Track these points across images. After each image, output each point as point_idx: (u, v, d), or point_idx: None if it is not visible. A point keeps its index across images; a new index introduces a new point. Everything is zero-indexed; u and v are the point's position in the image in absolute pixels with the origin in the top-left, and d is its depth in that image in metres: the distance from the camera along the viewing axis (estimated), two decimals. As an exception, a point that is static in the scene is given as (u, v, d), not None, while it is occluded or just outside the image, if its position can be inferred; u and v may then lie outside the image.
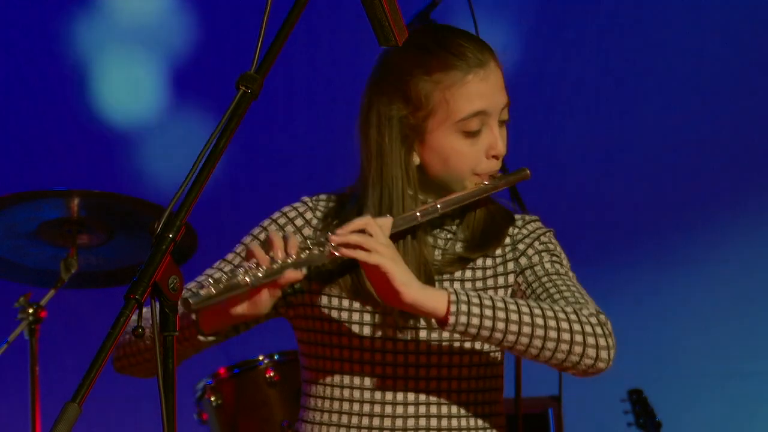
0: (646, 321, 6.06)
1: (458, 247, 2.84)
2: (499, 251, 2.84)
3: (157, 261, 2.24)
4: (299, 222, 2.87)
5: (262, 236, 2.85)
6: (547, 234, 2.87)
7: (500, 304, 2.63)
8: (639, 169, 6.29)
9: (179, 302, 2.28)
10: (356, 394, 2.83)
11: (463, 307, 2.60)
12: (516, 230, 2.86)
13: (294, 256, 2.60)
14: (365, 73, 2.85)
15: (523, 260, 2.82)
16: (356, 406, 2.83)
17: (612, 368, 4.67)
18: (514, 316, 2.63)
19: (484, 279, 2.83)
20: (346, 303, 2.82)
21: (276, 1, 2.40)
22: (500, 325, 2.62)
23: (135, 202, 4.32)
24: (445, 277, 2.82)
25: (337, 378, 2.85)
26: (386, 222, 2.67)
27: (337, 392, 2.85)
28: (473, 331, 2.62)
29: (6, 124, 5.80)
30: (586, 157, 6.33)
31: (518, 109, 2.88)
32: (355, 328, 2.81)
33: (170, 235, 2.25)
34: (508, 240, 2.85)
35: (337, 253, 2.63)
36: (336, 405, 2.85)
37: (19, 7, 5.89)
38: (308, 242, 2.64)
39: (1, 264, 4.46)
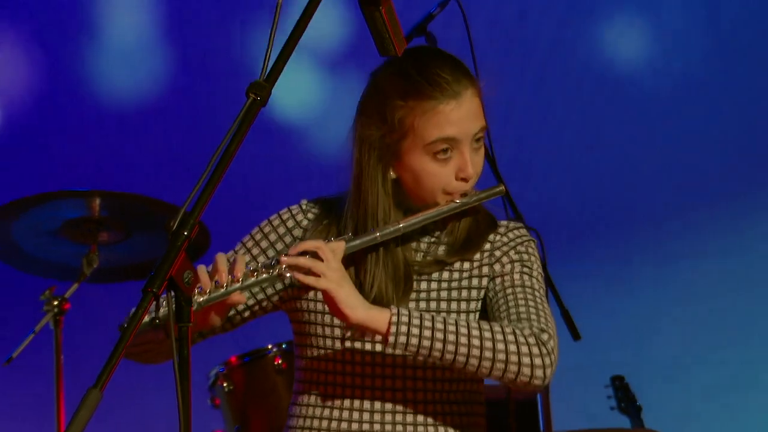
0: (628, 315, 6.07)
1: (441, 250, 2.83)
2: (477, 256, 2.83)
3: (172, 256, 2.24)
4: (291, 224, 2.88)
5: (258, 237, 2.88)
6: (525, 244, 2.84)
7: (440, 326, 2.63)
8: (628, 176, 6.29)
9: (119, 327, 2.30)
10: (330, 392, 2.83)
11: (403, 328, 2.61)
12: (497, 237, 2.84)
13: (240, 280, 2.62)
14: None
15: (497, 267, 2.81)
16: (328, 411, 2.83)
17: (596, 357, 4.69)
18: (451, 337, 2.63)
19: (460, 280, 2.82)
20: (321, 306, 2.81)
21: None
22: (438, 345, 2.62)
23: (151, 202, 4.31)
24: (423, 277, 2.81)
25: (315, 375, 2.85)
26: (339, 246, 2.67)
27: (315, 389, 2.85)
28: (412, 349, 2.62)
29: (33, 128, 5.79)
30: (585, 160, 6.33)
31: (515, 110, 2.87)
32: (328, 331, 2.81)
33: (185, 233, 2.25)
34: (487, 246, 2.83)
35: (288, 274, 2.64)
36: (314, 399, 2.85)
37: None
38: (258, 265, 2.66)
39: (27, 259, 4.46)
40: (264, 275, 2.64)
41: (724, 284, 6.26)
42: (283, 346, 4.44)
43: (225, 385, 4.48)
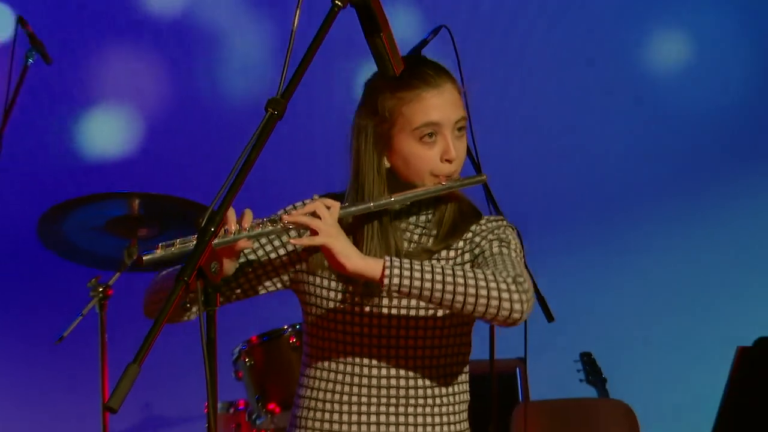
0: (594, 299, 6.06)
1: (428, 240, 2.82)
2: (460, 244, 2.80)
3: (201, 249, 2.25)
4: None
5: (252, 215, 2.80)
6: (504, 229, 2.82)
7: (428, 268, 2.60)
8: (600, 177, 6.28)
9: (134, 259, 2.29)
10: (334, 358, 2.81)
11: (396, 271, 2.58)
12: (478, 228, 2.82)
13: (246, 228, 2.60)
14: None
15: (476, 250, 2.78)
16: (332, 375, 2.82)
17: (567, 336, 4.69)
18: (439, 278, 2.59)
19: (446, 263, 2.80)
20: (326, 282, 2.80)
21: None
22: (427, 285, 2.59)
23: (184, 202, 4.32)
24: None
25: (320, 352, 2.84)
26: (334, 205, 2.64)
27: (320, 362, 2.84)
28: (405, 290, 2.59)
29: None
30: (573, 159, 6.32)
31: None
32: (330, 304, 2.80)
33: (212, 228, 2.26)
34: (469, 235, 2.81)
35: (291, 233, 2.65)
36: (319, 373, 2.84)
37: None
38: (264, 219, 2.64)
39: (76, 252, 4.47)
40: (269, 227, 2.62)
41: (678, 272, 6.26)
42: (297, 326, 4.44)
43: (247, 360, 4.47)
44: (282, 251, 2.83)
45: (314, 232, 2.59)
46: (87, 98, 6.01)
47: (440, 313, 2.77)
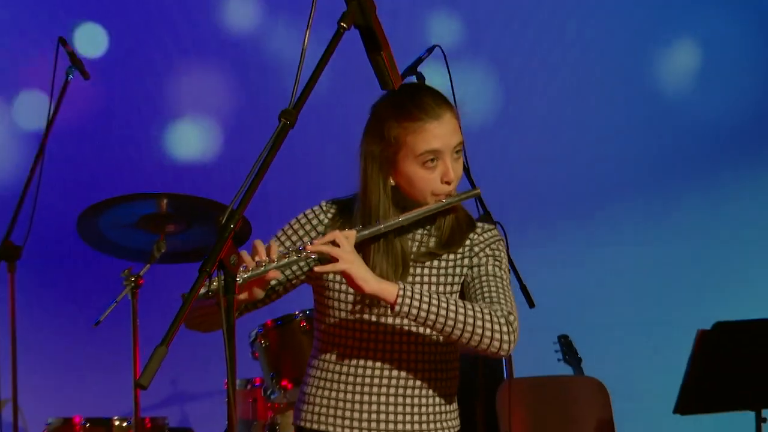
0: (571, 287, 6.05)
1: (432, 243, 2.83)
2: (460, 250, 2.82)
3: (221, 244, 2.25)
4: (314, 222, 2.86)
5: (289, 232, 2.86)
6: (497, 243, 2.85)
7: (435, 301, 2.65)
8: (581, 176, 6.27)
9: (181, 295, 2.31)
10: (341, 349, 2.82)
11: (407, 300, 2.63)
12: (476, 236, 2.84)
13: (274, 260, 2.62)
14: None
15: (475, 260, 2.81)
16: (338, 366, 2.83)
17: (546, 320, 4.68)
18: (443, 312, 2.65)
19: (446, 268, 2.82)
20: (341, 287, 2.81)
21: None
22: (432, 316, 2.64)
23: (206, 202, 4.32)
24: (418, 264, 2.81)
25: (331, 338, 2.85)
26: (350, 233, 2.68)
27: (330, 348, 2.85)
28: (412, 317, 2.64)
29: (115, 142, 5.78)
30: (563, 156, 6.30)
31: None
32: (342, 305, 2.81)
33: (231, 225, 2.26)
34: (468, 242, 2.83)
35: (312, 256, 2.65)
36: (329, 356, 2.85)
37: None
38: (289, 249, 2.69)
39: (111, 246, 4.47)
40: (294, 257, 2.65)
41: (647, 264, 6.25)
42: (307, 312, 4.43)
43: (262, 342, 4.47)
44: (305, 269, 2.83)
45: (335, 259, 2.62)
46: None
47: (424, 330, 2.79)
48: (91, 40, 5.76)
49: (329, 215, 2.87)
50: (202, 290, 2.50)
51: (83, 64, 4.50)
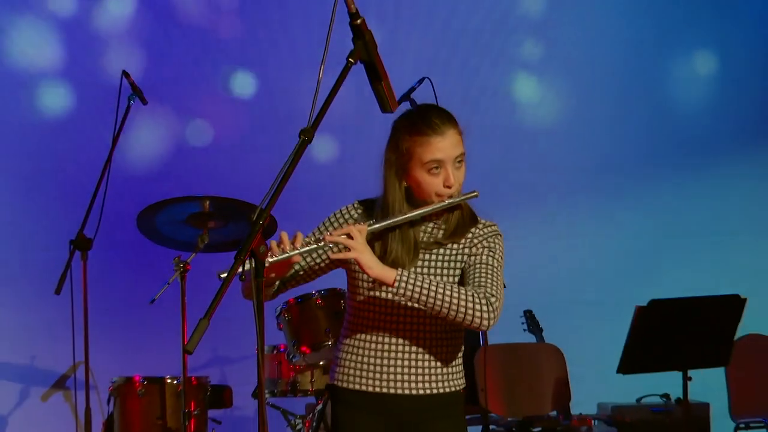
0: (535, 269, 6.03)
1: (439, 234, 2.82)
2: (463, 241, 2.81)
3: (252, 236, 2.25)
4: (345, 218, 2.86)
5: (326, 225, 2.86)
6: (495, 237, 2.83)
7: (425, 284, 2.66)
8: (544, 168, 6.19)
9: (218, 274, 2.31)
10: (368, 321, 2.82)
11: (402, 283, 2.64)
12: (477, 230, 2.83)
13: (298, 247, 2.63)
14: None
15: (474, 250, 2.80)
16: (365, 333, 2.82)
17: (515, 295, 4.66)
18: (431, 293, 2.65)
19: (450, 256, 2.81)
20: (361, 273, 2.79)
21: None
22: (422, 297, 2.66)
23: (241, 203, 4.32)
24: (427, 251, 2.80)
25: (358, 318, 2.84)
26: (363, 228, 2.69)
27: (359, 322, 2.83)
28: (408, 295, 2.65)
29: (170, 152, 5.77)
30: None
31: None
32: (366, 285, 2.80)
33: (261, 222, 2.26)
34: (470, 235, 2.82)
35: (330, 245, 2.68)
36: (358, 328, 2.84)
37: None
38: (312, 238, 2.71)
39: (164, 238, 4.47)
40: (314, 245, 2.66)
41: (598, 251, 6.22)
42: (322, 292, 4.42)
43: (286, 316, 4.46)
44: (326, 257, 2.85)
45: (347, 249, 2.64)
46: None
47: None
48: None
49: (358, 212, 2.86)
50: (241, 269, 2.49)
51: (142, 92, 4.50)
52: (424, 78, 4.26)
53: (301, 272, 2.85)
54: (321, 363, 4.52)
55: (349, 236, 2.64)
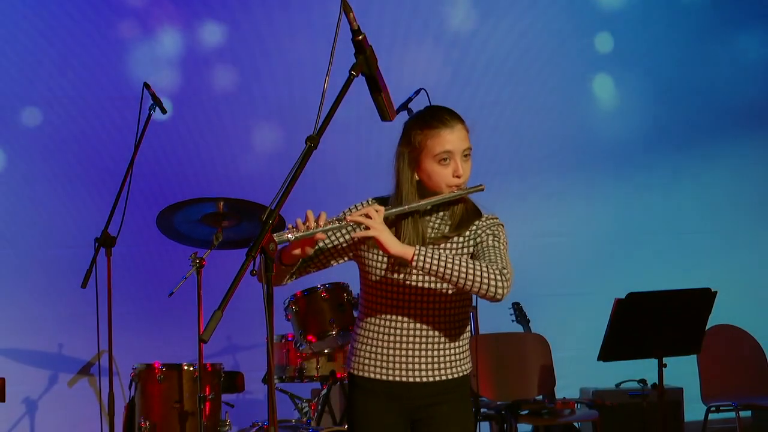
0: (523, 265, 6.00)
1: (445, 228, 2.80)
2: (467, 233, 2.79)
3: (263, 234, 2.25)
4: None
5: (342, 217, 2.78)
6: (497, 226, 2.81)
7: (443, 257, 2.62)
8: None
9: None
10: (382, 308, 2.79)
11: (421, 257, 2.61)
12: (480, 222, 2.81)
13: (321, 225, 2.60)
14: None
15: (478, 239, 2.78)
16: (380, 318, 2.79)
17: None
18: (449, 264, 2.62)
19: (456, 249, 2.79)
20: (378, 257, 2.78)
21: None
22: (441, 269, 2.62)
23: (252, 204, 4.32)
24: (435, 246, 2.77)
25: (372, 303, 2.81)
26: (381, 209, 2.65)
27: (373, 310, 2.81)
28: (426, 268, 2.61)
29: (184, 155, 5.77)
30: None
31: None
32: (380, 272, 2.78)
33: (270, 221, 2.26)
34: (474, 227, 2.80)
35: (351, 225, 2.63)
36: (372, 316, 2.81)
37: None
38: (335, 218, 2.65)
39: (182, 236, 4.46)
40: (336, 224, 2.63)
41: (581, 248, 6.22)
42: (327, 285, 4.42)
43: (293, 307, 4.46)
44: (348, 238, 2.82)
45: (368, 228, 2.61)
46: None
47: (438, 282, 2.75)
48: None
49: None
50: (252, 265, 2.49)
51: (162, 102, 4.50)
52: (420, 89, 4.27)
53: (321, 256, 2.82)
54: (326, 351, 4.51)
55: (368, 216, 2.61)
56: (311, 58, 5.72)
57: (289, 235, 2.55)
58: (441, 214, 2.81)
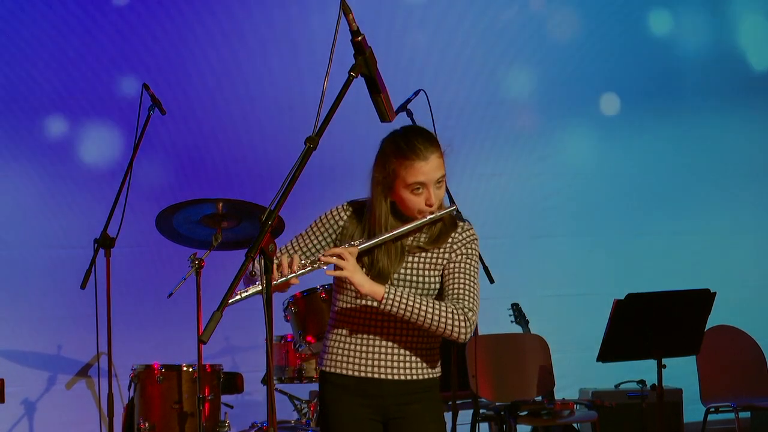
0: (521, 267, 6.04)
1: (423, 239, 2.83)
2: (444, 245, 2.82)
3: (262, 235, 2.25)
4: (335, 220, 2.87)
5: (314, 229, 2.87)
6: (472, 242, 2.84)
7: (410, 302, 2.70)
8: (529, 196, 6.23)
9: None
10: (352, 313, 2.83)
11: (389, 301, 2.69)
12: (456, 234, 2.84)
13: (295, 270, 2.66)
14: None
15: (453, 255, 2.81)
16: (350, 323, 2.83)
17: (503, 292, 4.66)
18: (416, 311, 2.70)
19: (432, 258, 2.82)
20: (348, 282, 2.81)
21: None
22: (407, 314, 2.70)
23: (252, 205, 4.32)
24: (411, 254, 2.81)
25: (343, 318, 2.85)
26: (354, 250, 2.72)
27: (343, 326, 2.85)
28: (393, 310, 2.70)
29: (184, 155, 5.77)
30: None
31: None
32: (352, 293, 2.82)
33: (269, 222, 2.26)
34: (450, 240, 2.83)
35: (324, 266, 2.69)
36: (343, 319, 2.85)
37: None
38: (308, 261, 2.71)
39: (181, 237, 4.46)
40: (309, 268, 2.69)
41: (578, 252, 6.23)
42: (326, 286, 4.42)
43: (292, 308, 4.46)
44: (324, 245, 2.86)
45: (341, 269, 2.67)
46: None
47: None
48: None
49: (347, 214, 2.86)
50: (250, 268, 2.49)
51: (161, 103, 4.50)
52: (419, 90, 4.27)
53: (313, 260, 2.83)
54: (325, 352, 4.52)
55: (341, 258, 2.67)
56: (311, 58, 5.72)
57: (259, 287, 2.60)
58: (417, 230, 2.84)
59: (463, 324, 2.71)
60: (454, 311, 2.71)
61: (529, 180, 6.20)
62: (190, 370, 4.40)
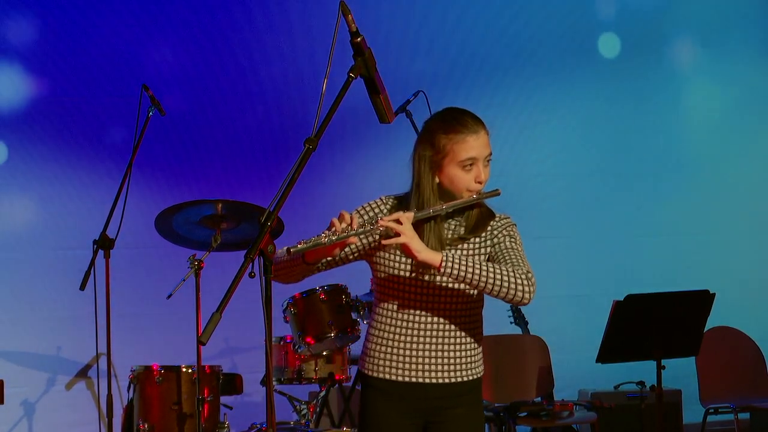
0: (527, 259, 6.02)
1: (462, 230, 2.80)
2: (483, 234, 2.80)
3: (261, 237, 2.25)
4: (377, 210, 2.81)
5: (360, 212, 2.79)
6: (511, 226, 2.83)
7: (470, 263, 2.63)
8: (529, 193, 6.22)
9: (287, 249, 2.28)
10: (397, 307, 2.78)
11: (449, 264, 2.62)
12: (495, 223, 2.82)
13: (355, 229, 2.59)
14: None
15: (495, 240, 2.79)
16: (394, 319, 2.78)
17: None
18: (477, 270, 2.63)
19: (474, 249, 2.79)
20: (397, 257, 2.77)
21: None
22: (468, 275, 2.63)
23: (251, 206, 4.32)
24: (452, 247, 2.77)
25: (388, 299, 2.80)
26: (410, 215, 2.66)
27: (387, 310, 2.80)
28: (454, 275, 2.63)
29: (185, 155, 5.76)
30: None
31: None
32: (397, 272, 2.77)
33: (269, 223, 2.26)
34: (489, 228, 2.81)
35: (380, 230, 2.62)
36: (386, 315, 2.80)
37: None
38: (366, 222, 2.68)
39: (180, 238, 4.47)
40: (368, 228, 2.63)
41: (577, 253, 6.22)
42: (325, 287, 4.42)
43: (292, 309, 4.46)
44: (370, 240, 2.78)
45: (397, 234, 2.61)
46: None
47: (464, 286, 2.75)
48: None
49: (388, 206, 2.82)
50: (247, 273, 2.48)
51: (160, 104, 4.50)
52: (419, 91, 4.27)
53: (342, 254, 2.79)
54: (324, 353, 4.51)
55: (399, 222, 2.61)
56: (311, 59, 5.71)
57: (325, 239, 2.55)
58: (457, 217, 2.81)
59: (526, 283, 2.65)
60: (516, 272, 2.66)
61: (530, 180, 6.19)
62: (190, 371, 4.39)
